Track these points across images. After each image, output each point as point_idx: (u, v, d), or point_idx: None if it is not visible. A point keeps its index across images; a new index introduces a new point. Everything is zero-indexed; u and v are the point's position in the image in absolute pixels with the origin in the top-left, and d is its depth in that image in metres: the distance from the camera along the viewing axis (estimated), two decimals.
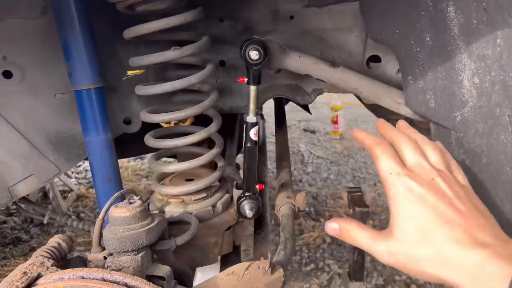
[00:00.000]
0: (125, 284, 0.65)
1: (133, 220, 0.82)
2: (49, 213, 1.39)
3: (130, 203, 0.85)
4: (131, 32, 0.95)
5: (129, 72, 1.02)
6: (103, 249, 0.84)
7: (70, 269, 0.69)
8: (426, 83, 0.86)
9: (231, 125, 1.55)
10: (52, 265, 0.74)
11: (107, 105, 1.08)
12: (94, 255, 0.83)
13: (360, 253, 1.25)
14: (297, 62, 1.00)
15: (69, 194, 3.25)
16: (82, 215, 3.02)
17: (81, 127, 1.08)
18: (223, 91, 1.18)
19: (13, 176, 1.18)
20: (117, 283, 0.65)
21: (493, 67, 0.67)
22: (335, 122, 4.72)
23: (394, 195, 0.56)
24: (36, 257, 0.76)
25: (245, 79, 0.96)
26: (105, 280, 0.65)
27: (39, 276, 0.71)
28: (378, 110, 1.63)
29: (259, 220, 1.24)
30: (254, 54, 0.92)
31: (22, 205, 1.48)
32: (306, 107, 1.86)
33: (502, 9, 0.58)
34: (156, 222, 0.85)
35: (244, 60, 0.93)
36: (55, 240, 0.85)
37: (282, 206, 1.10)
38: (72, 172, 3.66)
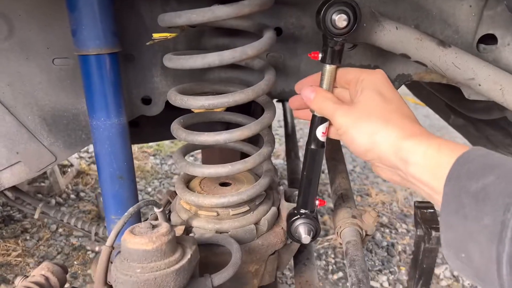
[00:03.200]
0: None
1: (158, 255, 0.55)
2: (41, 206, 1.12)
3: (153, 226, 0.58)
4: None
5: (155, 35, 0.73)
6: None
7: None
8: None
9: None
10: None
11: (122, 78, 0.81)
12: None
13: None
14: (392, 36, 0.72)
15: (69, 169, 2.99)
16: (82, 194, 2.77)
17: (86, 106, 0.80)
18: (275, 69, 0.89)
19: None
20: None
21: None
22: None
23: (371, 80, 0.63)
24: None
25: (319, 55, 0.69)
26: None
27: None
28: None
29: None
30: (340, 20, 0.64)
31: (10, 195, 1.22)
32: None
33: None
34: (188, 257, 0.59)
35: (324, 28, 0.65)
36: (42, 272, 0.59)
37: (346, 228, 0.83)
38: None
